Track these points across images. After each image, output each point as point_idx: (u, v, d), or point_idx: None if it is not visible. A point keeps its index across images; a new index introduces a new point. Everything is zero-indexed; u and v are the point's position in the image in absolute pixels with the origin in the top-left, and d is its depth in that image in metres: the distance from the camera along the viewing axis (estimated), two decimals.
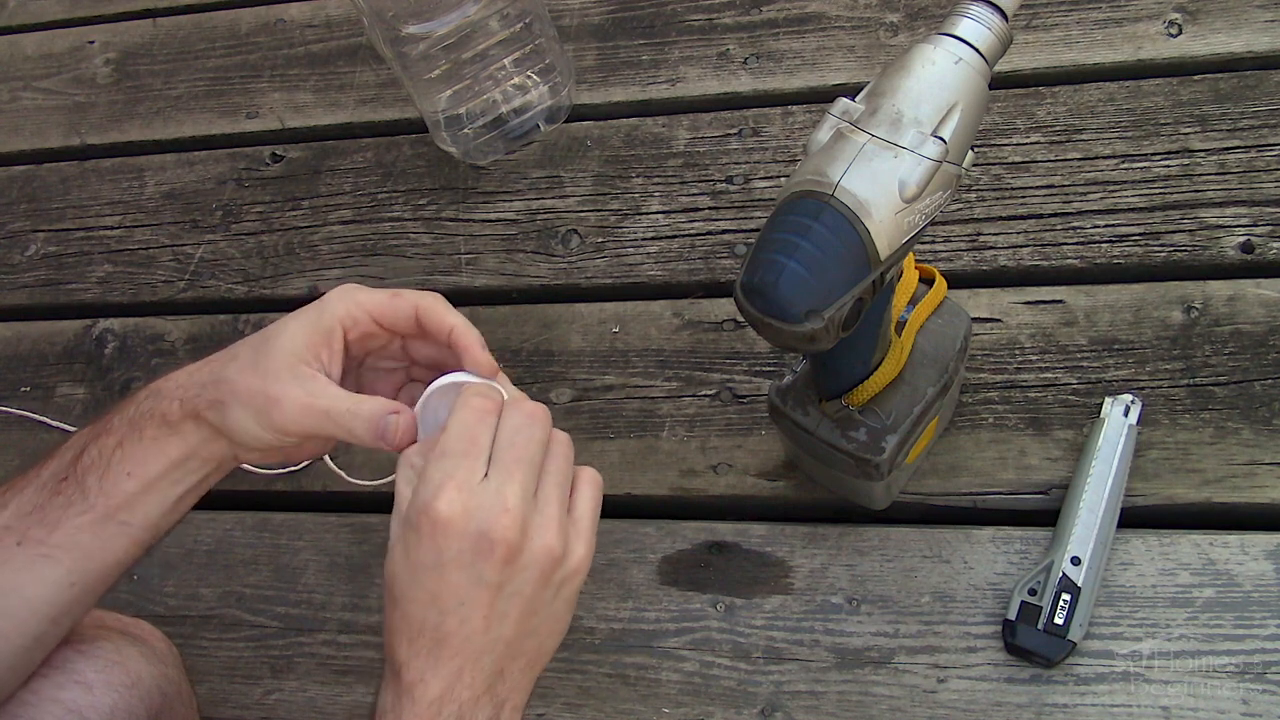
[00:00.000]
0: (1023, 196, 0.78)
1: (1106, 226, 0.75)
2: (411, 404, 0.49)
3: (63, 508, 0.49)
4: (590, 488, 0.49)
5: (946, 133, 0.46)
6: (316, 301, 0.51)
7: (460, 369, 0.50)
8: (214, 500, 0.79)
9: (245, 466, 0.79)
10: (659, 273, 0.82)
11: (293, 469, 0.80)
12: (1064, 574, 0.62)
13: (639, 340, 0.79)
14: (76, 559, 0.49)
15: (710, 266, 0.81)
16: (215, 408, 0.49)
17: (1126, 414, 0.66)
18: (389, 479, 0.49)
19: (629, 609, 0.69)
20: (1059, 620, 0.61)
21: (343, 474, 0.62)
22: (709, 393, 0.76)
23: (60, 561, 0.48)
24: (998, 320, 0.73)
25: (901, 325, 0.61)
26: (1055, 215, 0.77)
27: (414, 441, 0.48)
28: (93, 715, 0.58)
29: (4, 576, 0.48)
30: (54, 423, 0.86)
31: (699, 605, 0.68)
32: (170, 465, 0.50)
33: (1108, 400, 0.67)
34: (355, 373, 0.54)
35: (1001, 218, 0.78)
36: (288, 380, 0.48)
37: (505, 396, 0.48)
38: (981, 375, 0.72)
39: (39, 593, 0.49)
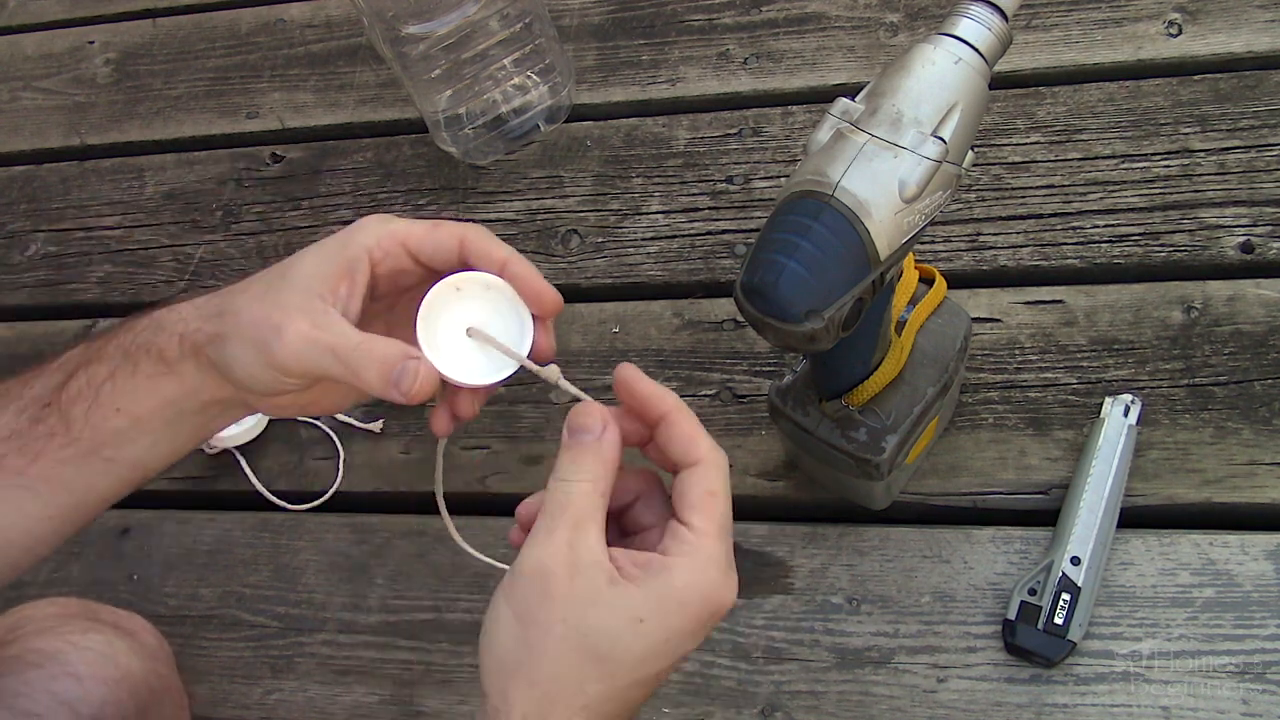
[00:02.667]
0: (1023, 196, 0.78)
1: (1106, 226, 0.75)
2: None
3: (44, 438, 0.45)
4: None
5: (946, 133, 0.46)
6: (344, 229, 0.44)
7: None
8: (214, 500, 0.80)
9: (245, 468, 0.79)
10: (659, 273, 0.82)
11: (308, 504, 0.80)
12: (1064, 574, 0.62)
13: (639, 340, 0.79)
14: (56, 491, 0.45)
15: (710, 266, 0.81)
16: (215, 342, 0.43)
17: (1126, 414, 0.66)
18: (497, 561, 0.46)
19: None
20: (1059, 620, 0.61)
21: (467, 547, 0.57)
22: (709, 393, 0.76)
23: (39, 493, 0.45)
24: (998, 320, 0.73)
25: (901, 325, 0.61)
26: (1055, 215, 0.77)
27: (433, 395, 0.42)
28: (83, 708, 0.58)
29: None
30: None
31: None
32: (163, 404, 0.45)
33: (1108, 400, 0.67)
34: (385, 317, 0.47)
35: (1001, 218, 0.78)
36: (294, 311, 0.42)
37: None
38: (981, 375, 0.72)
39: (15, 522, 0.46)
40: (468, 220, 0.90)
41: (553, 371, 0.44)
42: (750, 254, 0.48)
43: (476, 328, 0.44)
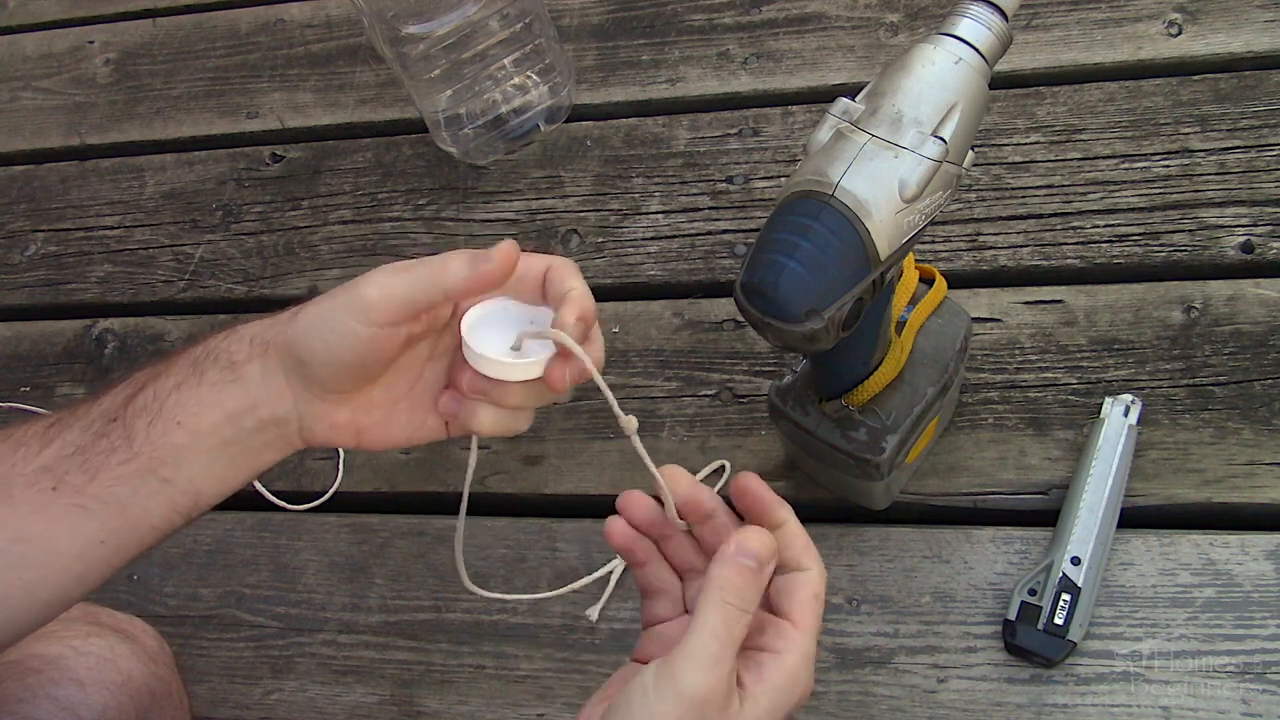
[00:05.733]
0: (1023, 196, 0.78)
1: (1106, 226, 0.75)
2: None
3: (105, 453, 0.45)
4: None
5: (946, 133, 0.46)
6: (431, 264, 0.44)
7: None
8: None
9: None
10: (659, 273, 0.82)
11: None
12: (1064, 574, 0.62)
13: (639, 340, 0.79)
14: (111, 512, 0.45)
15: (710, 266, 0.81)
16: (285, 329, 0.44)
17: (1126, 414, 0.66)
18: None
19: (629, 609, 0.69)
20: (1059, 620, 0.61)
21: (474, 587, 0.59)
22: (709, 393, 0.76)
23: (95, 514, 0.45)
24: (998, 320, 0.73)
25: (901, 325, 0.61)
26: (1055, 215, 0.77)
27: (516, 257, 0.44)
28: (85, 713, 0.58)
29: (37, 524, 0.44)
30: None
31: None
32: (225, 418, 0.45)
33: (1108, 400, 0.67)
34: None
35: (1001, 218, 0.78)
36: (370, 273, 0.44)
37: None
38: (981, 375, 0.72)
39: (70, 546, 0.45)
40: (467, 221, 0.90)
41: (631, 423, 0.46)
42: (750, 254, 0.48)
43: (526, 331, 0.46)
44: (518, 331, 0.45)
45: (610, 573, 0.70)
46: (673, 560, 0.47)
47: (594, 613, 0.69)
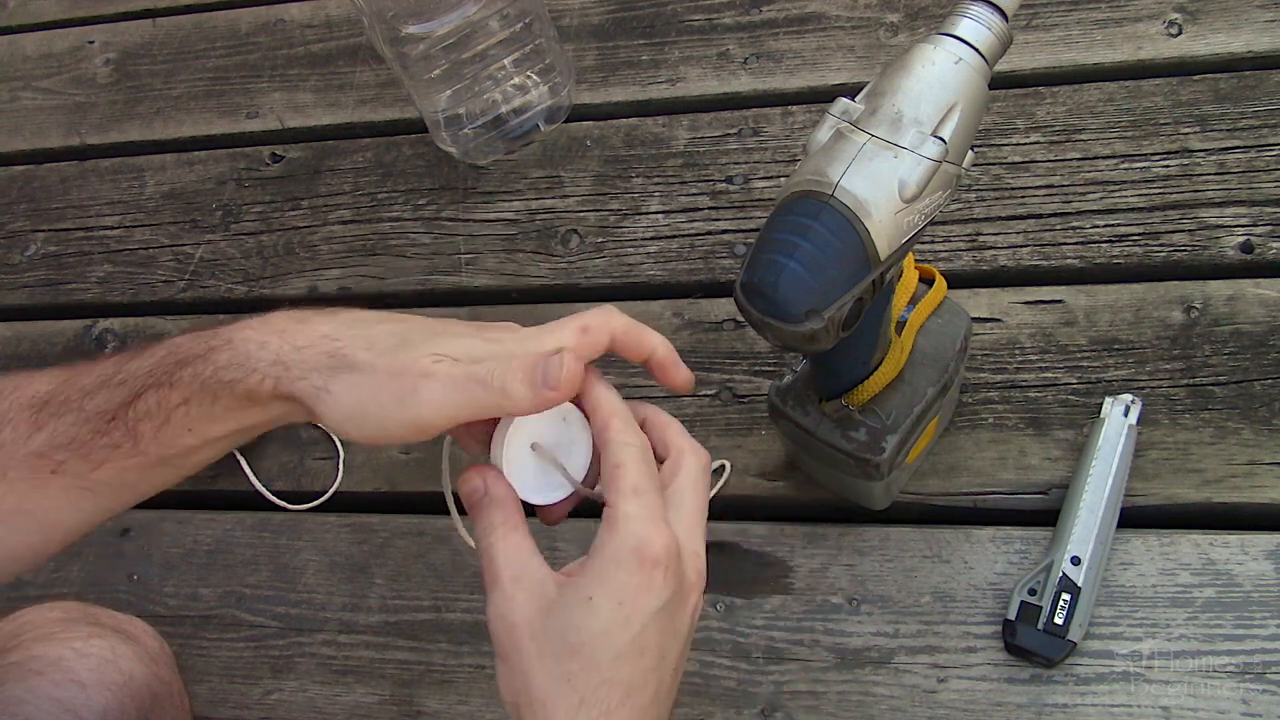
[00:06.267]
0: (1022, 196, 0.78)
1: (1106, 226, 0.75)
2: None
3: (109, 449, 0.44)
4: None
5: (946, 133, 0.46)
6: (506, 343, 0.43)
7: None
8: (214, 500, 0.80)
9: (245, 468, 0.79)
10: (659, 273, 0.82)
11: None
12: (1064, 574, 0.61)
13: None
14: (117, 493, 0.46)
15: (710, 266, 0.81)
16: (321, 395, 0.42)
17: (1126, 414, 0.66)
18: None
19: None
20: (1059, 620, 0.61)
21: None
22: (709, 393, 0.76)
23: (101, 496, 0.45)
24: (998, 320, 0.73)
25: (901, 325, 0.61)
26: (1055, 215, 0.77)
27: (579, 376, 0.43)
28: (87, 714, 0.58)
29: (39, 499, 0.45)
30: None
31: None
32: (240, 430, 0.45)
33: (1108, 400, 0.67)
34: None
35: (1001, 218, 0.78)
36: (431, 364, 0.41)
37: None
38: (981, 375, 0.72)
39: (73, 520, 0.46)
40: (467, 221, 0.90)
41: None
42: (750, 254, 0.48)
43: (541, 446, 0.45)
44: (555, 450, 0.45)
45: None
46: None
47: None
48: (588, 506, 0.46)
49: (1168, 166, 0.77)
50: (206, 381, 0.43)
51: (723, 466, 0.71)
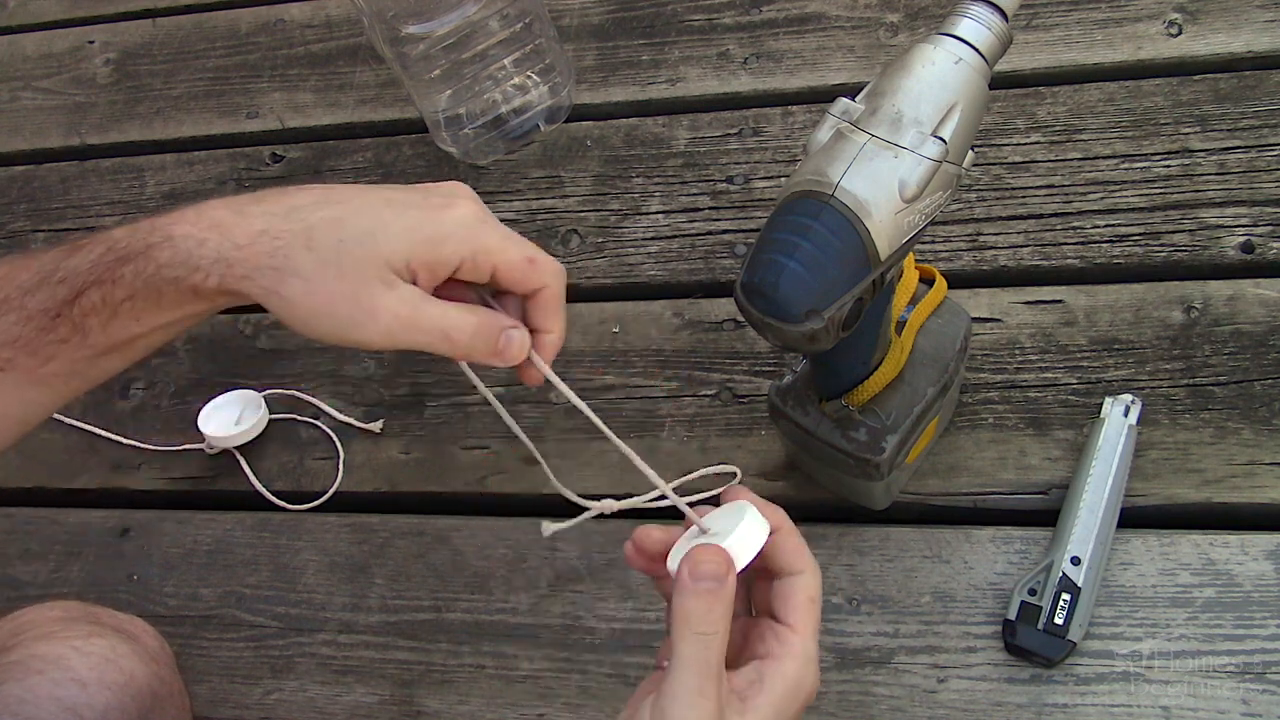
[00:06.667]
0: (1023, 196, 0.78)
1: (1106, 226, 0.75)
2: None
3: (56, 344, 0.45)
4: None
5: (946, 133, 0.46)
6: (433, 216, 0.44)
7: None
8: (214, 500, 0.80)
9: (245, 468, 0.79)
10: (659, 273, 0.82)
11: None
12: (1064, 574, 0.61)
13: (639, 340, 0.79)
14: (68, 382, 0.46)
15: (710, 266, 0.81)
16: (272, 298, 0.43)
17: (1126, 414, 0.66)
18: None
19: (629, 609, 0.69)
20: (1059, 620, 0.61)
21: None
22: (709, 393, 0.76)
23: (54, 388, 0.46)
24: (998, 320, 0.73)
25: (901, 325, 0.61)
26: (1055, 215, 0.77)
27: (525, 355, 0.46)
28: (88, 713, 0.58)
29: None
30: (56, 415, 0.86)
31: None
32: (186, 317, 0.45)
33: (1108, 400, 0.67)
34: None
35: (1001, 218, 0.78)
36: (380, 289, 0.42)
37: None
38: (981, 375, 0.72)
39: (24, 413, 0.46)
40: None
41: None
42: (750, 254, 0.48)
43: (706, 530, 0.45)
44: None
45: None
46: None
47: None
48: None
49: (1168, 166, 0.77)
50: (150, 279, 0.43)
51: (734, 474, 0.71)
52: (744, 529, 0.42)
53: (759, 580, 0.46)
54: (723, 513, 0.45)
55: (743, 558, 0.42)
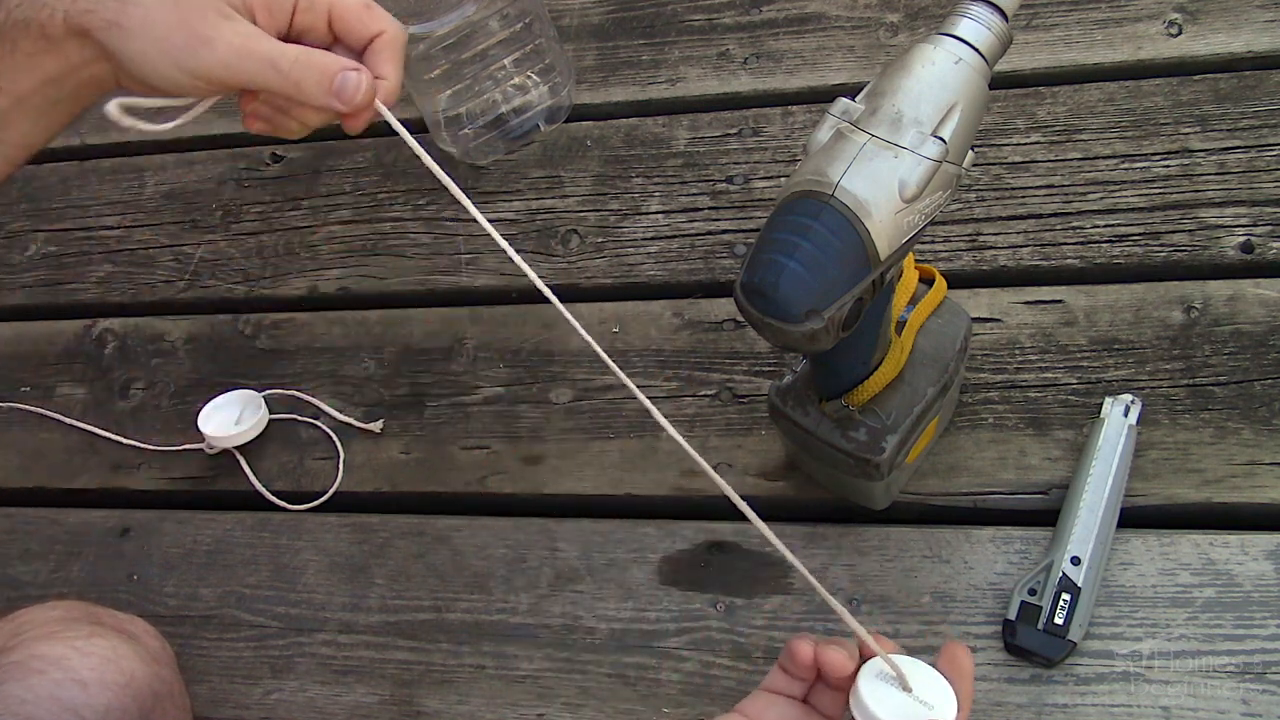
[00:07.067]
0: (1023, 196, 0.78)
1: (1106, 226, 0.75)
2: None
3: None
4: None
5: (946, 133, 0.46)
6: None
7: None
8: (214, 500, 0.80)
9: (244, 468, 0.79)
10: (659, 273, 0.82)
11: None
12: (1064, 574, 0.62)
13: (639, 340, 0.79)
14: None
15: (710, 266, 0.81)
16: (113, 31, 0.43)
17: (1126, 414, 0.66)
18: None
19: (629, 609, 0.69)
20: (1059, 620, 0.61)
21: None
22: (709, 393, 0.76)
23: None
24: (998, 320, 0.73)
25: (901, 325, 0.61)
26: (1055, 215, 0.77)
27: (371, 105, 0.46)
28: (89, 714, 0.58)
29: None
30: (55, 415, 0.86)
31: (699, 605, 0.68)
32: (45, 82, 0.45)
33: (1108, 400, 0.67)
34: None
35: (1001, 218, 0.78)
36: (217, 20, 0.43)
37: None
38: (981, 375, 0.72)
39: None
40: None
41: None
42: (750, 254, 0.48)
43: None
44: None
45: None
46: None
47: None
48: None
49: (1168, 166, 0.77)
50: (2, 28, 0.43)
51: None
52: (946, 704, 0.43)
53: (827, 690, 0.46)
54: (906, 662, 0.44)
55: None
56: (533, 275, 0.49)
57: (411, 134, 0.49)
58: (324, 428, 0.81)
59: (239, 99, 0.49)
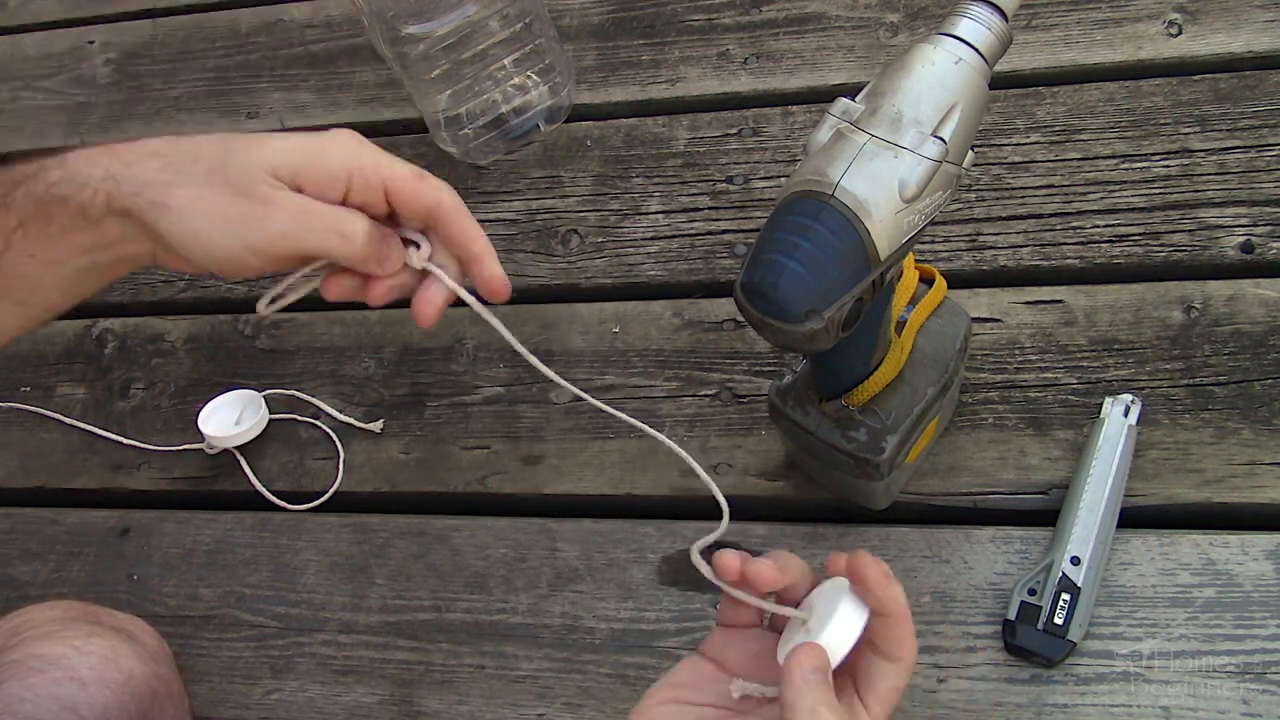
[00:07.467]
0: (1023, 196, 0.78)
1: (1106, 226, 0.75)
2: None
3: None
4: None
5: (946, 133, 0.46)
6: (317, 137, 0.44)
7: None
8: (214, 500, 0.80)
9: (245, 468, 0.79)
10: (659, 273, 0.82)
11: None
12: (1064, 574, 0.61)
13: (639, 340, 0.79)
14: None
15: (710, 266, 0.81)
16: (160, 212, 0.42)
17: (1126, 414, 0.66)
18: None
19: (629, 609, 0.69)
20: (1059, 620, 0.61)
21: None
22: (709, 393, 0.76)
23: None
24: (998, 320, 0.73)
25: (901, 325, 0.61)
26: (1055, 215, 0.77)
27: (401, 266, 0.46)
28: (87, 712, 0.58)
29: None
30: (55, 415, 0.86)
31: (699, 605, 0.68)
32: (79, 252, 0.44)
33: (1108, 400, 0.67)
34: None
35: (1001, 218, 0.78)
36: (268, 190, 0.42)
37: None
38: (981, 375, 0.72)
39: None
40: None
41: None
42: (750, 254, 0.48)
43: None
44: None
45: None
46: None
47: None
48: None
49: (1168, 166, 0.77)
50: (39, 199, 0.42)
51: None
52: (841, 620, 0.43)
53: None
54: (825, 592, 0.45)
55: (839, 654, 0.42)
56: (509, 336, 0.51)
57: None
58: (324, 428, 0.81)
59: (322, 284, 0.48)
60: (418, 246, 0.48)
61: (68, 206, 0.42)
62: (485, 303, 0.48)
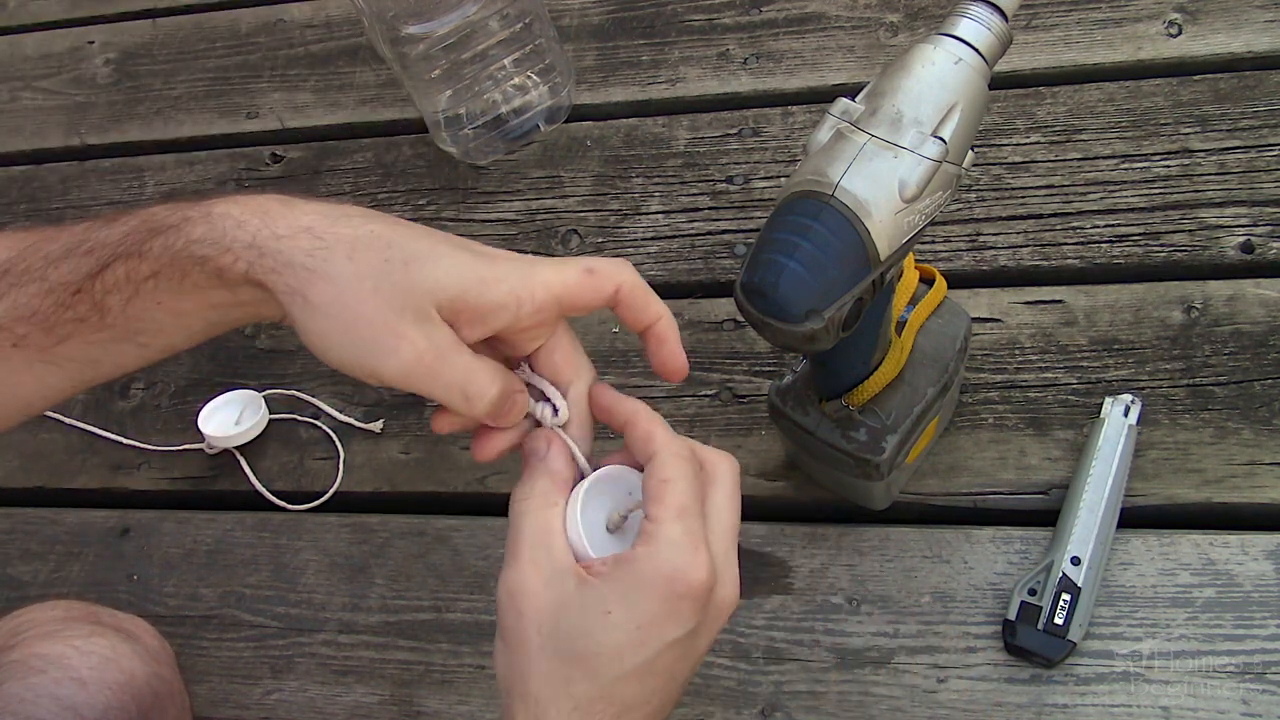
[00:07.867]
0: (1023, 196, 0.78)
1: (1106, 226, 0.75)
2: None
3: (74, 323, 0.42)
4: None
5: (946, 133, 0.46)
6: (489, 259, 0.41)
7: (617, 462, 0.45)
8: (214, 500, 0.80)
9: (244, 468, 0.79)
10: (659, 273, 0.82)
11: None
12: (1064, 574, 0.62)
13: (639, 340, 0.79)
14: (83, 368, 0.44)
15: (710, 266, 0.81)
16: (296, 299, 0.39)
17: (1126, 414, 0.66)
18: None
19: None
20: (1059, 620, 0.61)
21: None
22: (709, 393, 0.76)
23: (65, 370, 0.44)
24: (998, 320, 0.73)
25: (901, 325, 0.61)
26: (1055, 215, 0.77)
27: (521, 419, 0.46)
28: (88, 712, 0.58)
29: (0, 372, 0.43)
30: (55, 415, 0.86)
31: None
32: (209, 308, 0.42)
33: (1108, 400, 0.67)
34: None
35: (1001, 218, 0.78)
36: (412, 320, 0.39)
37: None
38: (981, 375, 0.72)
39: (35, 393, 0.44)
40: (468, 221, 0.90)
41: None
42: (750, 254, 0.48)
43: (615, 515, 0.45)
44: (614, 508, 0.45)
45: None
46: None
47: None
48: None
49: (1168, 166, 0.77)
50: (177, 254, 0.41)
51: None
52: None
53: None
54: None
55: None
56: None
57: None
58: (324, 428, 0.81)
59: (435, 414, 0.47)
60: (548, 400, 0.47)
61: (205, 267, 0.40)
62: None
